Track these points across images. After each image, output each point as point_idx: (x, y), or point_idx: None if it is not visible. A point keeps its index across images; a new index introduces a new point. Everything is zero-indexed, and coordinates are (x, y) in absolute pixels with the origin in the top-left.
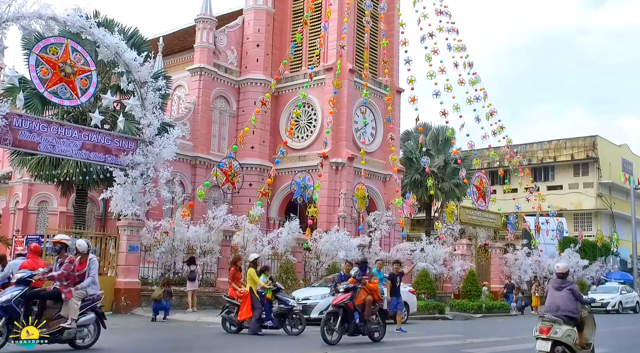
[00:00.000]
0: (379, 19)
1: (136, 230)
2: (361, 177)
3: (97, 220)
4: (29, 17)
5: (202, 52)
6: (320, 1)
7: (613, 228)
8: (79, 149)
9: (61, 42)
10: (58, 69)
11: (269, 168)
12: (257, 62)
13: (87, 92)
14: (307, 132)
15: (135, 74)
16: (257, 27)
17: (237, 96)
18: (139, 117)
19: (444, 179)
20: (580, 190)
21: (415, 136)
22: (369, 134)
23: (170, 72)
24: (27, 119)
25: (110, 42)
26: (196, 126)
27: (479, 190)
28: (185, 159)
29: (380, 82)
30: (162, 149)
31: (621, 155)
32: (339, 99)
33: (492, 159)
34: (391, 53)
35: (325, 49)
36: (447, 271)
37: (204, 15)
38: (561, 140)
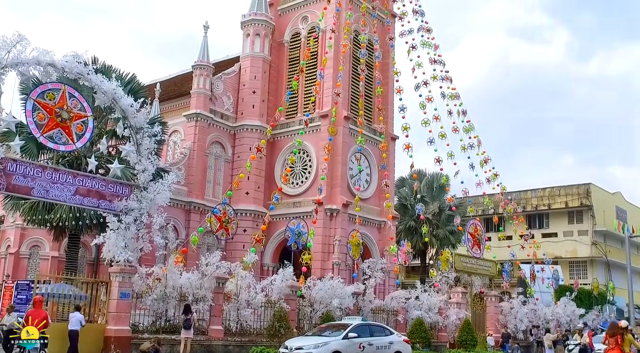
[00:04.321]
0: (374, 67)
1: (128, 277)
2: (356, 223)
3: (89, 265)
4: (28, 63)
5: (198, 98)
6: (316, 49)
7: (609, 276)
8: (73, 194)
9: (58, 88)
10: (54, 114)
11: (263, 214)
12: (253, 108)
13: (83, 137)
14: (302, 179)
15: (132, 120)
16: (254, 73)
17: (232, 142)
18: (134, 162)
19: (438, 226)
20: (575, 238)
21: (410, 183)
22: (363, 181)
23: (167, 118)
24: (21, 164)
25: (108, 88)
26: (191, 171)
27: (474, 237)
28: (180, 204)
29: (375, 129)
30: (156, 195)
31: (615, 203)
32: (334, 145)
33: (486, 206)
34: (386, 101)
35: (320, 96)
36: (443, 320)
37: (201, 62)
38: (555, 188)
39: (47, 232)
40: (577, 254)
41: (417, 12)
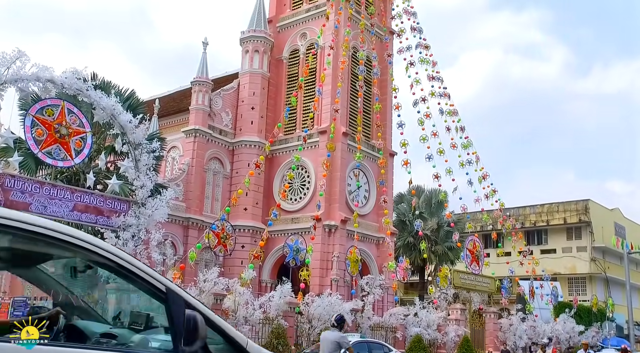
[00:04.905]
0: (372, 83)
1: None
2: (354, 240)
3: None
4: (27, 80)
5: (197, 114)
6: (315, 66)
7: (608, 293)
8: (71, 210)
9: (57, 104)
10: (53, 130)
11: (261, 230)
12: (251, 124)
13: (82, 153)
14: (300, 195)
15: (130, 136)
16: (252, 90)
17: (231, 158)
18: (132, 178)
19: (437, 242)
20: (573, 254)
21: (409, 199)
22: (362, 197)
23: (166, 134)
24: (19, 180)
25: (107, 104)
26: (190, 187)
27: (472, 253)
28: (178, 220)
29: (374, 146)
30: (154, 211)
31: (613, 219)
32: (332, 161)
33: (485, 222)
34: (384, 117)
35: (319, 112)
36: (441, 336)
37: (200, 78)
38: (553, 204)
39: None
40: (576, 270)
41: (415, 29)
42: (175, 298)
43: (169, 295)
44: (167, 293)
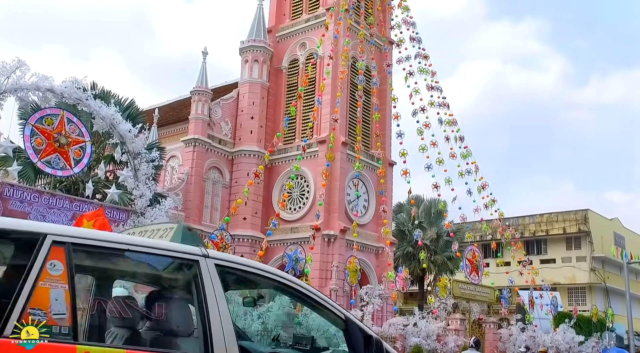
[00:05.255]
0: (371, 93)
1: None
2: (353, 249)
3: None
4: (27, 89)
5: (196, 124)
6: (314, 75)
7: (608, 303)
8: (70, 220)
9: (57, 113)
10: (52, 140)
11: (260, 239)
12: (250, 134)
13: (81, 162)
14: (299, 204)
15: (130, 145)
16: (252, 99)
17: (230, 167)
18: (131, 188)
19: (436, 252)
20: (573, 264)
21: (408, 209)
22: (361, 207)
23: (165, 143)
24: (18, 189)
25: (106, 113)
26: (189, 197)
27: (472, 263)
28: None
29: (373, 155)
30: (153, 220)
31: (613, 229)
32: (331, 171)
33: (484, 232)
34: (383, 127)
35: (318, 122)
36: (441, 347)
37: (199, 87)
38: (553, 214)
39: None
40: (575, 280)
41: (414, 39)
42: (352, 326)
43: (348, 323)
44: (346, 321)
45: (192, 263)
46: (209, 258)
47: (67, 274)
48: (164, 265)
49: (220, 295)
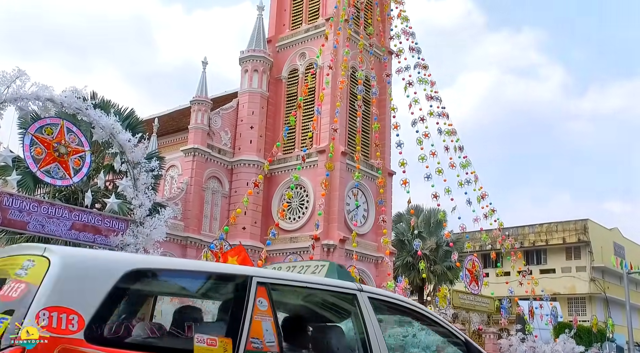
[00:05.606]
0: (371, 103)
1: None
2: (353, 259)
3: None
4: (27, 99)
5: (196, 133)
6: (314, 85)
7: (608, 313)
8: (69, 229)
9: (57, 122)
10: (52, 149)
11: (260, 249)
12: (250, 143)
13: (80, 172)
14: (299, 214)
15: (129, 155)
16: (252, 109)
17: (229, 177)
18: (130, 197)
19: (436, 262)
20: (573, 274)
21: (407, 218)
22: (360, 216)
23: (164, 152)
24: (17, 198)
25: (106, 123)
26: (188, 206)
27: (472, 273)
28: (176, 239)
29: (372, 165)
30: (152, 230)
31: (612, 239)
32: (331, 181)
33: (484, 242)
34: (383, 136)
35: (318, 131)
36: None
37: (199, 97)
38: (552, 224)
39: None
40: (575, 290)
41: (414, 49)
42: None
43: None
44: (466, 343)
45: (352, 296)
46: (363, 291)
47: (271, 308)
48: (334, 299)
49: (375, 322)
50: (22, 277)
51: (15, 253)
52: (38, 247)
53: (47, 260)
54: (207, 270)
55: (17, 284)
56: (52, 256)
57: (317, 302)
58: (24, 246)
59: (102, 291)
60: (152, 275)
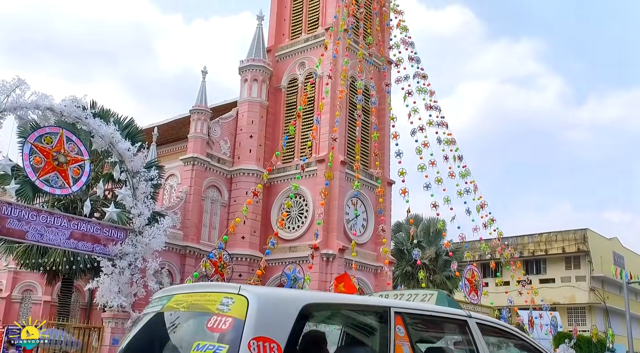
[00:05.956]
0: (370, 112)
1: (121, 323)
2: (352, 269)
3: (82, 310)
4: (27, 107)
5: (195, 142)
6: (313, 95)
7: (608, 323)
8: (68, 238)
9: (56, 131)
10: (51, 158)
11: (259, 258)
12: (249, 152)
13: (79, 181)
14: (298, 223)
15: (128, 164)
16: (251, 118)
17: (229, 186)
18: (129, 206)
19: (435, 271)
20: (572, 284)
21: (407, 228)
22: (360, 226)
23: (164, 161)
24: (16, 207)
25: (105, 132)
26: (187, 215)
27: (471, 283)
28: (175, 248)
29: (372, 174)
30: (151, 239)
31: (612, 249)
32: (330, 190)
33: (483, 252)
34: (382, 146)
35: (317, 141)
36: None
37: (199, 106)
38: (552, 233)
39: (40, 276)
40: (575, 300)
41: (413, 59)
42: None
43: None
44: None
45: (464, 322)
46: (471, 318)
47: (407, 335)
48: (449, 324)
49: (484, 344)
50: (226, 312)
51: (209, 290)
52: (233, 286)
53: (245, 298)
54: (357, 302)
55: (224, 318)
56: (248, 294)
57: (435, 327)
58: (217, 284)
59: (289, 323)
60: (321, 308)
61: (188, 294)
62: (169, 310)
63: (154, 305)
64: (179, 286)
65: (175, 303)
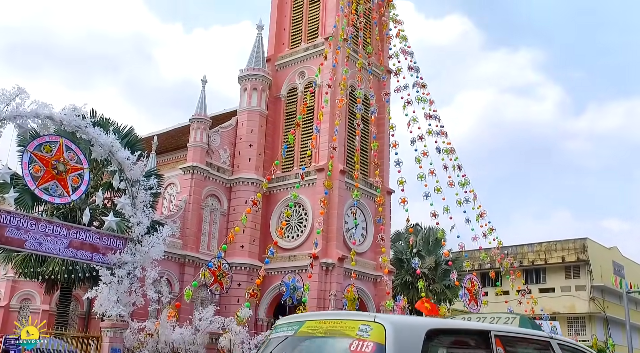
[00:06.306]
0: (369, 121)
1: (119, 332)
2: (351, 278)
3: (80, 319)
4: (26, 116)
5: (195, 151)
6: (313, 104)
7: (608, 333)
8: (66, 247)
9: (56, 140)
10: (51, 167)
11: (258, 268)
12: (249, 161)
13: (78, 189)
14: (297, 232)
15: (128, 173)
16: (250, 127)
17: (228, 195)
18: (129, 215)
19: (435, 281)
20: (572, 293)
21: (406, 237)
22: (359, 235)
23: (163, 170)
24: (15, 216)
25: (105, 141)
26: (186, 224)
27: (471, 292)
28: (174, 257)
29: (371, 183)
30: (150, 248)
31: (612, 258)
32: (329, 199)
33: (483, 261)
34: (382, 155)
35: (317, 150)
36: None
37: (198, 115)
38: (551, 242)
39: (38, 285)
40: (575, 310)
41: (412, 68)
42: None
43: None
44: None
45: (547, 343)
46: (553, 339)
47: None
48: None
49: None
50: (366, 338)
51: (344, 318)
52: (368, 315)
53: (381, 325)
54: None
55: (366, 342)
56: (384, 322)
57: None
58: (351, 313)
59: (419, 345)
60: (440, 332)
61: (321, 321)
62: (303, 335)
63: (282, 330)
64: (306, 314)
65: (309, 329)
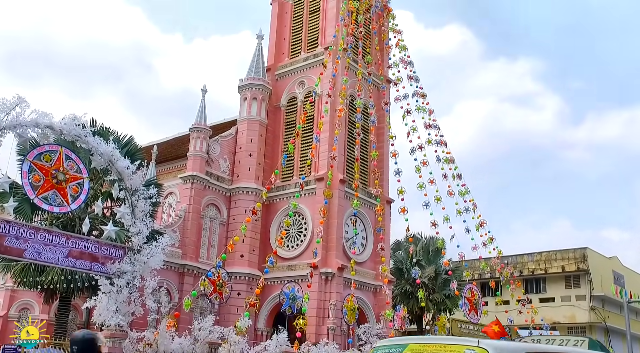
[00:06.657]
0: (369, 131)
1: (118, 342)
2: (351, 287)
3: (79, 329)
4: (26, 126)
5: (194, 161)
6: (312, 113)
7: (608, 342)
8: (65, 257)
9: (56, 149)
10: (50, 176)
11: (257, 277)
12: (248, 171)
13: (78, 199)
14: (297, 242)
15: (127, 182)
16: (250, 137)
17: (228, 204)
18: (128, 224)
19: (435, 290)
20: (572, 303)
21: (406, 246)
22: (359, 244)
23: (163, 179)
24: (14, 226)
25: (105, 150)
26: (186, 234)
27: (471, 302)
28: (174, 266)
29: (371, 193)
30: (150, 258)
31: (612, 268)
32: (329, 208)
33: (483, 271)
34: (381, 164)
35: (316, 159)
36: None
37: (198, 124)
38: (551, 252)
39: (37, 295)
40: (575, 319)
41: (412, 78)
42: None
43: None
44: None
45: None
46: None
47: None
48: None
49: None
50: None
51: (449, 342)
52: (471, 340)
53: (485, 351)
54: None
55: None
56: (487, 347)
57: None
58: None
59: None
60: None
61: (425, 345)
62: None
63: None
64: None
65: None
